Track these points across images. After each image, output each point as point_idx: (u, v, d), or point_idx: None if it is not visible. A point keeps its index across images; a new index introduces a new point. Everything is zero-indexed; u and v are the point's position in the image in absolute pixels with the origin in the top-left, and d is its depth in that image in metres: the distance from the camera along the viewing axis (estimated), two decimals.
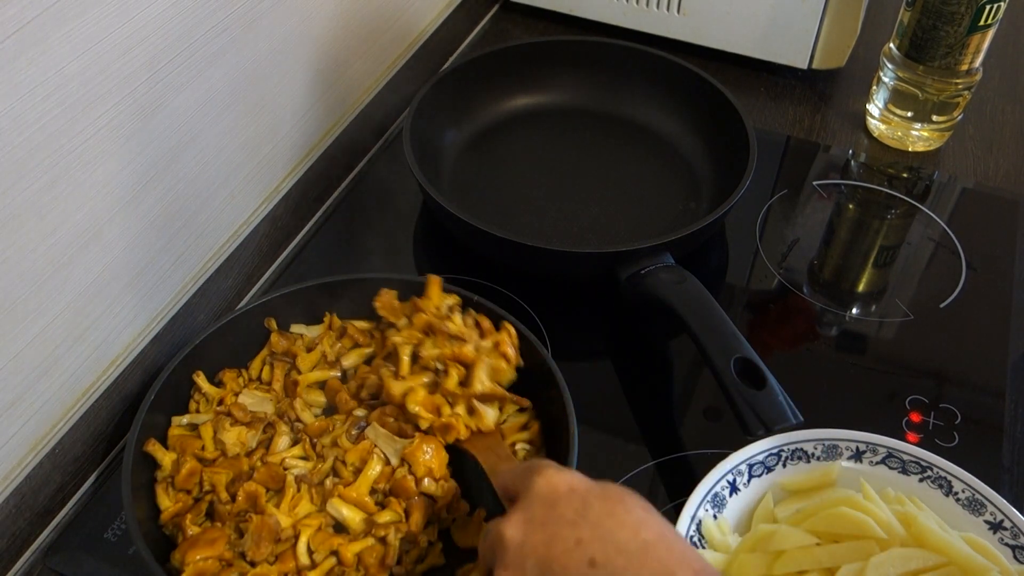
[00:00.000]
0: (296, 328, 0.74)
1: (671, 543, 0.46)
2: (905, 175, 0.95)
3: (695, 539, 0.60)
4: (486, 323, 0.69)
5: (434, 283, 0.69)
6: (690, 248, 0.78)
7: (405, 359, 0.66)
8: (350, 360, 0.71)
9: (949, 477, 0.63)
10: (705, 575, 0.44)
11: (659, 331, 0.80)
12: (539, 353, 0.68)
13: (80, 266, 0.65)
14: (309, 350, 0.72)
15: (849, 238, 0.90)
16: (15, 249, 0.59)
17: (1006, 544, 0.60)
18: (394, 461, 0.63)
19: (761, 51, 1.04)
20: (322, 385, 0.70)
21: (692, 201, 0.88)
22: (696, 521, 0.60)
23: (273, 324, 0.72)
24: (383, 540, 0.60)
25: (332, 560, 0.60)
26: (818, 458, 0.65)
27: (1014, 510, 0.61)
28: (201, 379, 0.69)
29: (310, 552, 0.60)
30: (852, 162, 0.97)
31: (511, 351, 0.66)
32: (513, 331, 0.68)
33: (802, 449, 0.65)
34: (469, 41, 1.13)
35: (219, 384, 0.70)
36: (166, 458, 0.64)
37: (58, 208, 0.61)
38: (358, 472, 0.63)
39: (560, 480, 0.50)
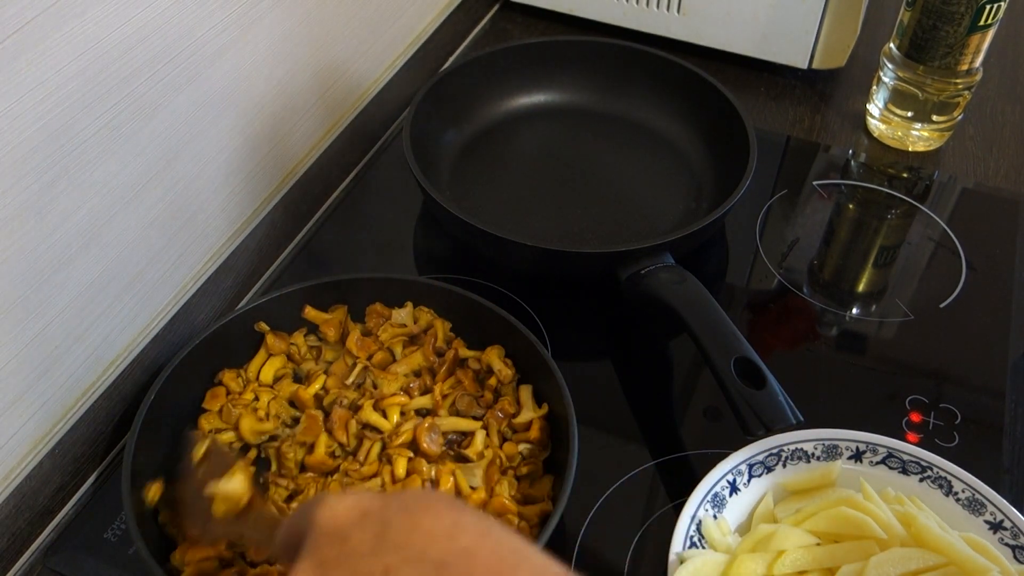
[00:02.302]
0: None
1: (497, 541, 0.40)
2: (905, 175, 0.95)
3: (695, 539, 0.60)
4: None
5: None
6: (690, 248, 0.78)
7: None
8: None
9: (949, 477, 0.63)
10: (548, 572, 0.39)
11: (659, 331, 0.80)
12: (539, 353, 0.68)
13: (80, 266, 0.65)
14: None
15: (849, 238, 0.90)
16: (15, 249, 0.59)
17: (1006, 544, 0.60)
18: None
19: (761, 51, 1.04)
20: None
21: (692, 201, 0.88)
22: (696, 521, 0.60)
23: (265, 327, 0.72)
24: None
25: None
26: (818, 458, 0.65)
27: (1014, 510, 0.61)
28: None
29: None
30: (852, 162, 0.97)
31: None
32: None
33: (802, 449, 0.65)
34: (469, 41, 1.13)
35: (218, 384, 0.70)
36: None
37: (58, 208, 0.61)
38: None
39: (345, 507, 0.41)
